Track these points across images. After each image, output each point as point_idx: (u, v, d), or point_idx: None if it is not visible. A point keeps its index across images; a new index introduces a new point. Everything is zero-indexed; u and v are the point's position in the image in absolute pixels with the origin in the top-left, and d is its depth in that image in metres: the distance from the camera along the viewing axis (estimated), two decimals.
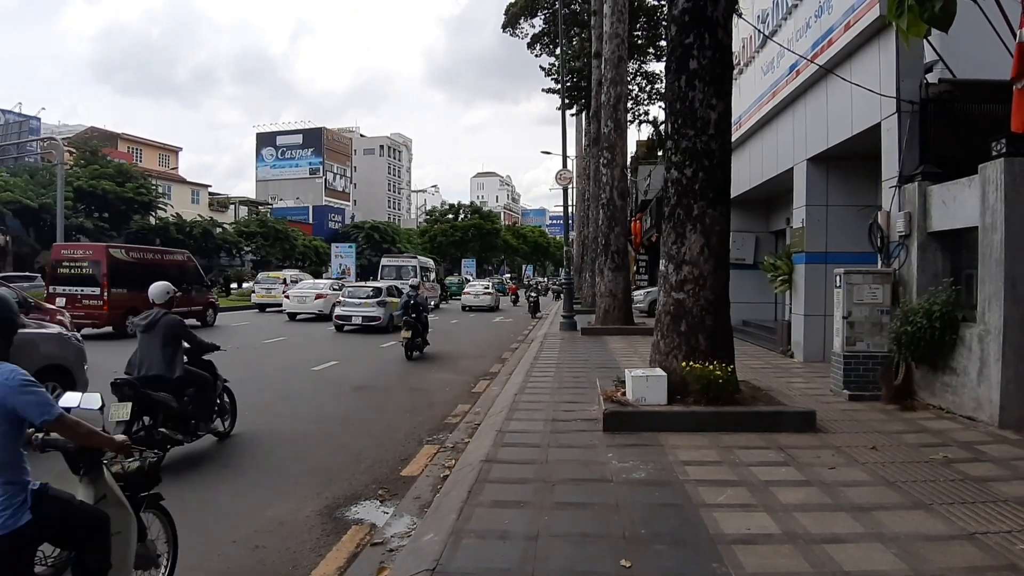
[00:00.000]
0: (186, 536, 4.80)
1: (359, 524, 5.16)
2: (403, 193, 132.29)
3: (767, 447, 6.35)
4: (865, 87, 9.49)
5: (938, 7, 3.63)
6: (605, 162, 19.71)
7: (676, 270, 7.79)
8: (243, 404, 7.99)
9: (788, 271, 13.02)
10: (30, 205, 40.88)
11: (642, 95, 35.14)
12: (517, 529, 4.38)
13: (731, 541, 4.14)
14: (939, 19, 3.68)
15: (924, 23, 3.72)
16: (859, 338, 8.89)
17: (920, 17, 3.71)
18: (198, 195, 68.34)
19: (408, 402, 10.10)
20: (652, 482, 5.37)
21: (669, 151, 8.10)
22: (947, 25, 3.68)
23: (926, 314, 7.78)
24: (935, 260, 8.51)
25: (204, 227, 54.44)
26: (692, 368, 7.31)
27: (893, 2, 3.83)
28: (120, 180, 47.23)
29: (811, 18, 11.54)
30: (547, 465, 5.86)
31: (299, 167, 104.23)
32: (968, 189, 7.63)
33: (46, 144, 44.55)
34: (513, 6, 35.02)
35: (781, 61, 12.99)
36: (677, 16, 7.83)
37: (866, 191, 11.35)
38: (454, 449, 7.13)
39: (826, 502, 4.89)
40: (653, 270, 32.45)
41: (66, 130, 64.47)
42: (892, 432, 6.99)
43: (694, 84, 7.70)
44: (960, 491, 5.07)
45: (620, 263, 19.43)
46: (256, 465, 6.74)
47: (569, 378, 10.70)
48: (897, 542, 4.11)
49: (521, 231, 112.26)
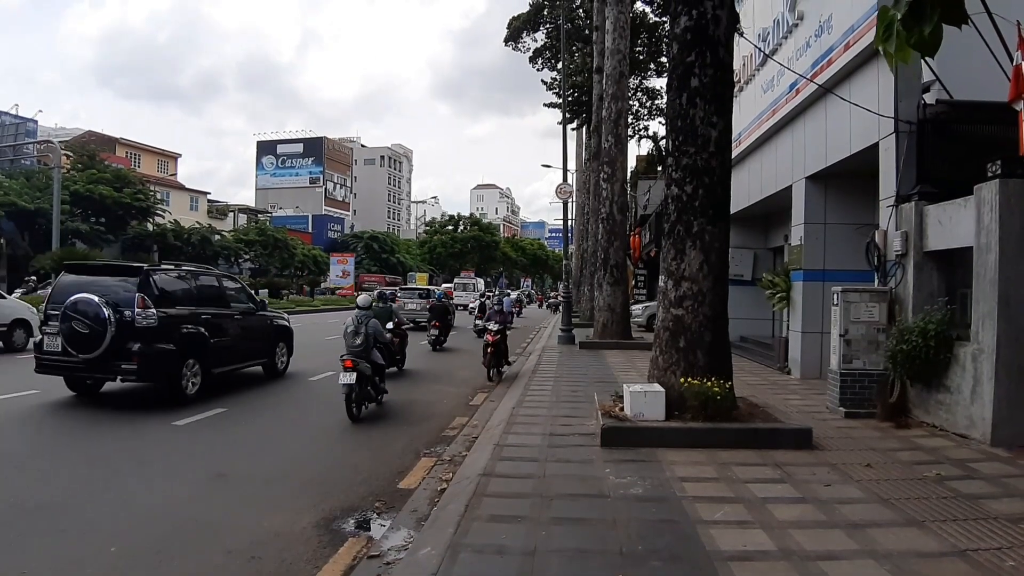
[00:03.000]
0: (181, 545, 4.88)
1: (356, 536, 5.15)
2: (403, 204, 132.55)
3: (764, 464, 6.38)
4: (864, 107, 9.57)
5: (927, 32, 3.66)
6: (605, 177, 19.80)
7: (675, 286, 7.83)
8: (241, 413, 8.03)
9: (786, 288, 13.07)
10: (26, 208, 40.63)
11: (642, 110, 35.33)
12: (514, 544, 4.40)
13: (727, 558, 4.18)
14: (927, 44, 3.72)
15: (911, 48, 3.76)
16: (855, 356, 8.93)
17: (907, 42, 3.74)
18: (197, 202, 68.35)
19: (405, 414, 10.09)
20: (649, 498, 5.39)
21: (670, 167, 8.14)
22: (933, 51, 3.72)
23: (921, 333, 7.84)
24: (931, 279, 8.58)
25: (202, 234, 54.35)
26: (690, 384, 7.34)
27: (881, 26, 3.87)
28: (118, 185, 47.01)
29: (811, 37, 11.64)
30: (545, 480, 5.88)
31: (299, 176, 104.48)
32: (964, 209, 7.71)
33: (43, 147, 44.46)
34: (516, 20, 35.26)
35: (781, 79, 13.09)
36: (679, 34, 7.90)
37: (864, 209, 11.42)
38: (452, 462, 7.13)
39: (821, 519, 4.92)
40: (652, 285, 32.48)
41: (64, 133, 64.33)
42: (887, 450, 7.03)
43: (695, 102, 7.77)
44: (952, 508, 5.12)
45: (619, 277, 19.49)
46: (252, 475, 6.73)
47: (567, 392, 10.73)
48: (890, 559, 4.15)
49: (520, 243, 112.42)
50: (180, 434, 8.31)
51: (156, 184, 58.10)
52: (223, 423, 8.97)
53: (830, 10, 10.87)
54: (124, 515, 5.46)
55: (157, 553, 4.72)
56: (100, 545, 4.81)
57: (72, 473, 6.56)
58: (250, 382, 12.43)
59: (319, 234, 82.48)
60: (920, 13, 3.61)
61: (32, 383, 10.51)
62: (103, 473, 6.60)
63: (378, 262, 78.41)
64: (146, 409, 9.67)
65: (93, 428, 8.51)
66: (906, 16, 3.65)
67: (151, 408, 9.67)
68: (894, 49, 3.79)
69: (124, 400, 10.38)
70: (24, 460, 7.06)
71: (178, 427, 8.59)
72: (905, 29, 3.70)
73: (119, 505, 5.70)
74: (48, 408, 9.61)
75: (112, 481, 6.35)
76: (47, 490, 6.00)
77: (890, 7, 3.85)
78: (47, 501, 5.69)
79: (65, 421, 8.91)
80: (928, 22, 3.60)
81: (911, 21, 3.65)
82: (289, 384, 12.50)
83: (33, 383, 10.49)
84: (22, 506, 5.57)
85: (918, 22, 3.63)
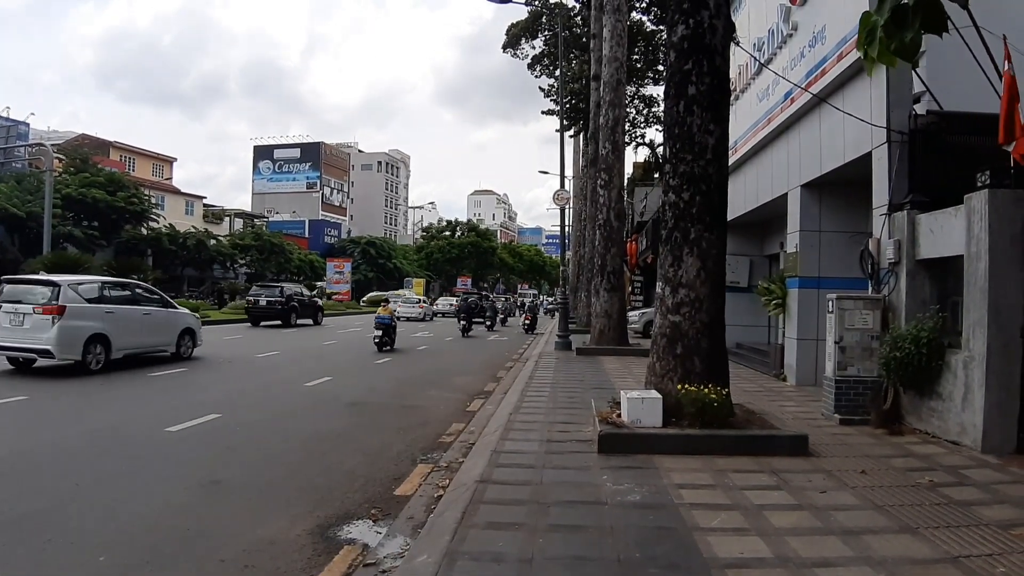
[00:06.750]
0: (173, 554, 4.83)
1: (351, 544, 5.11)
2: (400, 209, 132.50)
3: (760, 471, 6.41)
4: (857, 116, 9.65)
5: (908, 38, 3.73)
6: (603, 183, 19.84)
7: (673, 293, 7.86)
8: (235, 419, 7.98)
9: (782, 295, 13.12)
10: (16, 213, 40.27)
11: (639, 118, 35.41)
12: (512, 551, 4.41)
13: (724, 565, 4.20)
14: (907, 50, 3.78)
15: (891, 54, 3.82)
16: (850, 363, 8.97)
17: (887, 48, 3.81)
18: (193, 206, 68.17)
19: (402, 420, 10.09)
20: (646, 505, 5.41)
21: (667, 175, 8.17)
22: (912, 56, 3.78)
23: (914, 340, 7.90)
24: (923, 287, 8.64)
25: (198, 238, 54.18)
26: (688, 391, 7.36)
27: (863, 31, 3.93)
28: (111, 189, 46.67)
29: (805, 47, 11.72)
30: (542, 486, 5.90)
31: (296, 181, 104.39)
32: (954, 219, 7.77)
33: (35, 150, 44.13)
34: (514, 27, 35.45)
35: (776, 89, 13.16)
36: (676, 43, 7.94)
37: (858, 217, 11.48)
38: (448, 469, 7.12)
39: (817, 526, 4.95)
40: (648, 291, 32.57)
41: (56, 136, 63.83)
42: (881, 456, 7.07)
43: (692, 110, 7.80)
44: (945, 515, 5.16)
45: (616, 283, 19.52)
46: (247, 482, 6.71)
47: (564, 398, 10.75)
48: (884, 566, 4.18)
49: (517, 249, 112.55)
50: (173, 440, 8.25)
51: (151, 188, 57.85)
52: (217, 429, 8.91)
53: (823, 21, 10.95)
54: (114, 524, 5.37)
55: (148, 563, 4.65)
56: (88, 555, 4.71)
57: (60, 481, 6.42)
58: (245, 388, 12.45)
59: (316, 239, 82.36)
60: (902, 20, 3.67)
61: (19, 389, 10.46)
62: (92, 480, 6.49)
63: (375, 267, 78.36)
64: (139, 415, 9.65)
65: (83, 434, 8.40)
66: (888, 22, 3.71)
67: (144, 414, 9.66)
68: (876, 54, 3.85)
69: (114, 406, 10.34)
70: (8, 466, 6.89)
71: (171, 433, 8.54)
72: (886, 36, 3.76)
73: (109, 513, 5.60)
74: (35, 413, 9.57)
75: (102, 488, 6.26)
76: (33, 498, 5.87)
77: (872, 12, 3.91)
78: (33, 510, 5.56)
79: (54, 427, 8.82)
80: (910, 29, 3.67)
81: (893, 28, 3.71)
82: (285, 390, 12.50)
83: (21, 389, 10.45)
84: (5, 515, 5.42)
85: (900, 28, 3.70)
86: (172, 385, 12.74)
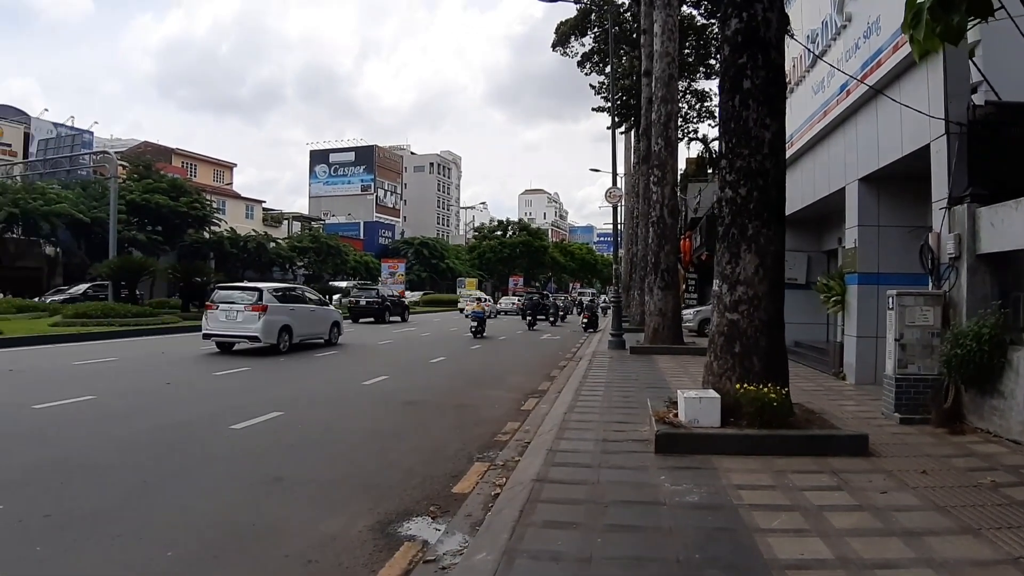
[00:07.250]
0: (238, 550, 4.97)
1: (411, 540, 5.17)
2: (452, 209, 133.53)
3: (820, 471, 6.34)
4: (914, 108, 9.43)
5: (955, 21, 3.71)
6: (655, 180, 19.72)
7: (730, 290, 7.79)
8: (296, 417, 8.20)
9: (841, 292, 12.88)
10: (82, 219, 41.62)
11: (691, 113, 35.09)
12: (570, 551, 4.44)
13: (785, 566, 4.17)
14: (952, 33, 3.76)
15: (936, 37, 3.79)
16: (910, 361, 8.79)
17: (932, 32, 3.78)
18: (252, 210, 69.67)
19: (458, 419, 10.19)
20: (705, 506, 5.40)
21: (723, 170, 8.09)
22: (957, 40, 3.76)
23: (975, 337, 7.68)
24: (984, 282, 8.40)
25: (258, 241, 55.35)
26: (746, 390, 7.28)
27: (909, 12, 3.90)
28: (174, 194, 47.94)
29: (860, 39, 11.50)
30: (599, 486, 5.92)
31: (351, 184, 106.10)
32: (1015, 211, 7.56)
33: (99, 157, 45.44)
34: (563, 25, 35.35)
35: (831, 81, 12.94)
36: (730, 36, 7.87)
37: (917, 212, 11.23)
38: (504, 467, 7.18)
39: (878, 527, 4.88)
40: (702, 288, 32.24)
41: (119, 144, 65.65)
42: (941, 456, 6.94)
43: (748, 104, 7.72)
44: (1007, 516, 5.06)
45: (670, 281, 19.39)
46: (308, 479, 6.83)
47: (619, 398, 10.74)
48: (946, 567, 4.12)
49: (568, 248, 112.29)
50: (237, 438, 8.48)
51: (212, 193, 59.20)
52: (279, 427, 9.12)
53: (877, 12, 10.74)
54: (181, 520, 5.51)
55: (215, 557, 4.78)
56: (156, 550, 4.84)
57: (128, 479, 6.61)
58: (305, 387, 12.73)
59: (371, 240, 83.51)
60: (949, 3, 3.66)
61: (242, 364, 11.08)
62: (159, 478, 6.66)
63: (428, 268, 79.07)
64: (204, 414, 9.93)
65: (150, 433, 8.63)
66: (934, 5, 3.69)
67: (209, 413, 9.95)
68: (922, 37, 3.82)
69: (181, 406, 10.65)
70: (78, 466, 7.09)
71: (235, 431, 8.79)
72: (932, 19, 3.73)
73: (176, 510, 5.75)
74: (103, 413, 9.86)
75: (168, 486, 6.44)
76: (102, 496, 6.06)
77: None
78: (102, 507, 5.74)
79: (121, 427, 9.06)
80: (956, 12, 3.64)
81: (939, 10, 3.69)
82: (343, 389, 12.75)
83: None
84: (76, 512, 5.58)
85: (946, 11, 3.67)
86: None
